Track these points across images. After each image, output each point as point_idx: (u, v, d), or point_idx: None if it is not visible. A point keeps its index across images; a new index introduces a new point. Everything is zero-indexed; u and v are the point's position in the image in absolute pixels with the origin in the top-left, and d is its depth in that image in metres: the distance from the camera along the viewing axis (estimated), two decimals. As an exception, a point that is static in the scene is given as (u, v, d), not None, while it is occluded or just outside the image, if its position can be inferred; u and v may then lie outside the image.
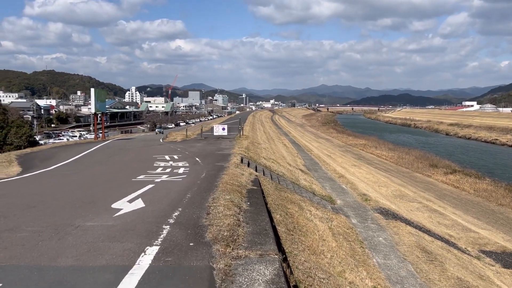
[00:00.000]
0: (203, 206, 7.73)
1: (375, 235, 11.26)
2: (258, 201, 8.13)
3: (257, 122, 78.66)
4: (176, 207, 7.84)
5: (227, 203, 7.54)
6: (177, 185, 10.53)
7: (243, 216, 6.82)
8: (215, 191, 9.04)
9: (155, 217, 7.03)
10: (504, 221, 22.59)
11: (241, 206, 7.60)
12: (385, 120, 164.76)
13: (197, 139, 30.81)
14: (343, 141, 64.55)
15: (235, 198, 8.11)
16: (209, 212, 7.18)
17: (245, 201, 8.10)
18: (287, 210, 9.95)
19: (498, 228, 20.75)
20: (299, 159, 31.09)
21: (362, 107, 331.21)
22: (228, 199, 7.88)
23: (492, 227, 20.95)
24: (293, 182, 15.87)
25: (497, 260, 13.24)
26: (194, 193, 9.24)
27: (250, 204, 7.80)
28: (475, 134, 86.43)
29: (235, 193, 8.69)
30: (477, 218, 22.53)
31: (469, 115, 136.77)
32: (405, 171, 39.00)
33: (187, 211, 7.47)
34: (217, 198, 8.14)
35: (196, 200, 8.39)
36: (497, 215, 23.83)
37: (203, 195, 8.84)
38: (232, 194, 8.42)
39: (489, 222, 22.05)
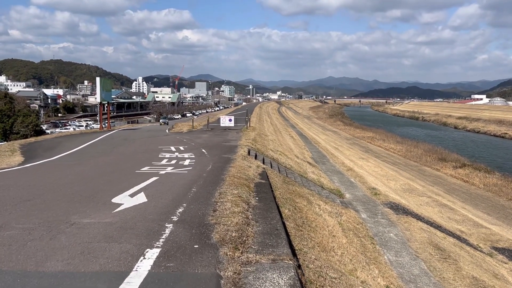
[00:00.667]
0: (209, 202, 7.37)
1: (385, 230, 10.95)
2: (267, 196, 7.79)
3: (264, 114, 78.23)
4: (181, 202, 7.48)
5: (234, 199, 7.20)
6: (182, 178, 10.18)
7: (252, 213, 6.46)
8: (222, 185, 8.73)
9: (157, 214, 6.66)
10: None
11: (250, 201, 7.26)
12: (392, 113, 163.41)
13: (204, 130, 30.51)
14: (351, 134, 64.02)
15: (243, 192, 7.77)
16: (216, 208, 6.83)
17: (254, 196, 7.76)
18: (296, 205, 9.65)
19: (509, 224, 20.37)
20: (306, 151, 30.75)
21: (369, 100, 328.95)
22: (235, 194, 7.56)
23: (503, 222, 20.57)
24: (301, 175, 15.56)
25: (510, 258, 12.89)
26: (199, 187, 8.88)
27: (259, 200, 7.47)
28: (484, 128, 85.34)
29: (243, 187, 8.36)
30: (487, 213, 22.16)
31: (478, 108, 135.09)
32: (413, 164, 38.54)
33: (192, 207, 7.11)
34: (224, 193, 7.81)
35: (201, 195, 8.03)
36: (507, 210, 23.42)
37: (209, 190, 8.49)
38: (240, 189, 8.10)
39: (499, 217, 21.67)
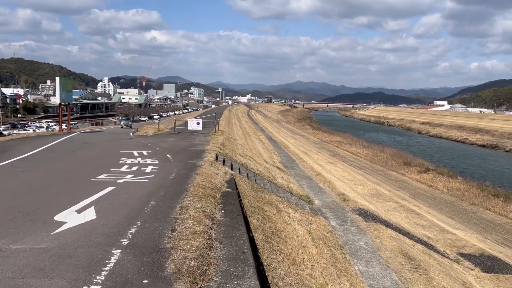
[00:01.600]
0: (167, 219, 6.56)
1: (355, 239, 10.70)
2: (234, 208, 7.19)
3: (233, 117, 77.70)
4: (135, 219, 6.64)
5: (197, 214, 6.46)
6: (141, 188, 9.30)
7: (216, 232, 5.79)
8: (184, 197, 7.98)
9: (105, 236, 5.77)
10: (477, 221, 22.70)
11: (214, 216, 6.61)
12: (359, 118, 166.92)
13: (170, 134, 29.54)
14: (319, 138, 64.56)
15: (208, 205, 7.10)
16: (175, 227, 6.02)
17: (219, 208, 7.13)
18: (265, 213, 9.22)
19: (472, 228, 20.79)
20: (275, 155, 30.46)
21: (337, 104, 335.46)
22: (199, 208, 6.83)
23: (466, 227, 20.98)
24: (270, 181, 15.17)
25: (475, 264, 13.00)
26: (159, 200, 8.06)
27: (225, 213, 6.85)
28: (446, 133, 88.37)
29: (208, 198, 7.71)
30: (451, 218, 22.57)
31: (440, 114, 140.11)
32: (379, 169, 39.07)
33: (147, 226, 6.25)
34: (186, 207, 7.04)
35: (160, 210, 7.21)
36: (470, 215, 23.96)
37: (170, 203, 7.69)
38: (204, 201, 7.42)
39: (463, 222, 22.11)
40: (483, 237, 19.17)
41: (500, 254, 16.18)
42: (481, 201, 26.51)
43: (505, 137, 75.94)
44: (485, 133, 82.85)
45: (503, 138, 75.09)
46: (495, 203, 26.15)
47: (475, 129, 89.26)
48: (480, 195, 28.02)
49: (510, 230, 21.40)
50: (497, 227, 21.82)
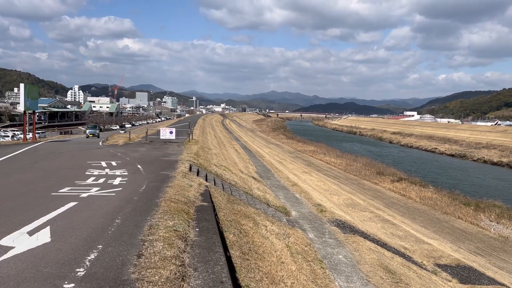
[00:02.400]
0: (134, 241, 5.78)
1: (334, 252, 10.37)
2: (210, 225, 6.57)
3: (208, 126, 76.93)
4: (96, 242, 5.81)
5: (168, 235, 5.74)
6: (107, 204, 8.52)
7: (190, 256, 5.10)
8: (154, 213, 7.29)
9: (57, 265, 4.86)
10: (450, 230, 22.95)
11: (188, 236, 5.94)
12: (332, 127, 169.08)
13: (141, 143, 28.57)
14: (293, 147, 64.67)
15: (180, 223, 6.43)
16: (142, 252, 5.25)
17: (194, 226, 6.50)
18: (241, 227, 8.76)
19: (445, 238, 20.96)
20: (251, 165, 30.03)
21: (310, 114, 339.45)
22: (170, 227, 6.12)
23: (440, 236, 21.13)
24: (246, 192, 14.71)
25: (452, 275, 12.94)
26: (126, 217, 7.28)
27: (199, 232, 6.22)
28: (416, 143, 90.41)
29: (181, 214, 7.04)
30: (425, 227, 22.71)
31: (410, 124, 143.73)
32: (353, 178, 39.29)
33: (109, 250, 5.43)
34: (156, 226, 6.30)
35: (126, 230, 6.41)
36: (443, 224, 24.21)
37: (138, 221, 6.93)
38: (177, 218, 6.74)
39: (436, 231, 22.28)
40: (456, 246, 19.32)
41: (474, 263, 16.28)
42: (453, 210, 26.90)
43: (472, 146, 78.42)
44: (453, 143, 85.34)
45: (471, 147, 77.49)
46: (466, 212, 26.60)
47: (444, 139, 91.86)
48: (452, 204, 28.47)
49: (482, 239, 21.73)
50: (469, 236, 22.12)
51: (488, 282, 12.67)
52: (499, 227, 24.18)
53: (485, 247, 20.22)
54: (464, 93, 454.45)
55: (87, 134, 42.51)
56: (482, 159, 65.71)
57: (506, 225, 24.46)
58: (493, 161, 63.41)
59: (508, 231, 23.30)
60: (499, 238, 22.05)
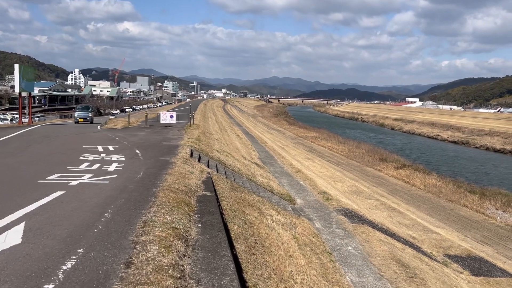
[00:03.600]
0: (123, 244, 4.81)
1: (343, 243, 9.85)
2: (214, 219, 5.81)
3: (209, 111, 76.19)
4: (77, 245, 4.80)
5: (165, 234, 4.83)
6: (98, 193, 7.65)
7: (191, 262, 4.21)
8: (150, 206, 6.45)
9: (21, 278, 3.78)
10: (456, 218, 22.52)
11: (189, 235, 5.07)
12: (333, 114, 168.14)
13: (141, 127, 27.80)
14: (295, 133, 64.08)
15: (180, 218, 5.62)
16: (132, 259, 4.27)
17: (195, 220, 5.73)
18: (246, 217, 8.20)
19: (451, 226, 20.54)
20: (253, 151, 29.42)
21: (311, 100, 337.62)
22: (168, 224, 5.27)
23: (445, 224, 20.72)
24: (250, 179, 14.14)
25: (464, 266, 12.46)
26: (117, 210, 6.36)
27: (202, 228, 5.47)
28: (418, 130, 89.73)
29: (181, 207, 6.26)
30: (430, 215, 22.29)
31: (412, 111, 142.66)
32: (356, 164, 38.79)
33: (91, 256, 4.43)
34: (152, 223, 5.43)
35: (116, 227, 5.46)
36: (448, 212, 23.78)
37: (131, 215, 6.02)
38: (176, 211, 5.95)
39: (442, 219, 21.86)
40: (463, 235, 18.91)
41: (483, 253, 15.84)
42: (458, 198, 26.44)
43: (475, 133, 77.75)
44: (455, 130, 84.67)
45: (473, 134, 76.84)
46: (471, 200, 26.14)
47: (446, 126, 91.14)
48: (457, 191, 28.00)
49: (488, 227, 21.30)
50: (476, 224, 21.69)
51: (501, 274, 12.21)
52: (506, 215, 23.73)
53: (492, 236, 19.79)
54: (466, 80, 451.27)
55: (75, 118, 31.92)
56: (484, 146, 65.15)
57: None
58: (496, 148, 62.85)
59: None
60: (506, 227, 21.62)
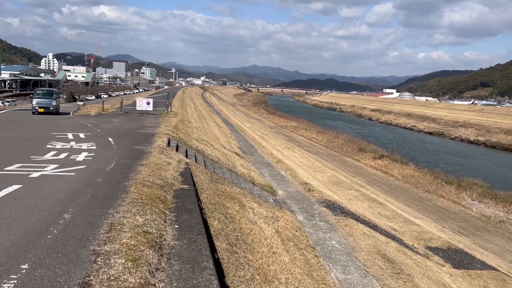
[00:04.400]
0: (81, 255, 3.96)
1: (326, 237, 9.50)
2: (193, 219, 5.04)
3: (187, 99, 74.84)
4: (23, 257, 3.90)
5: (135, 242, 3.98)
6: (61, 187, 6.74)
7: (165, 279, 3.39)
8: (120, 203, 5.63)
9: None
10: (433, 209, 22.69)
11: (164, 240, 4.28)
12: (312, 103, 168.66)
13: (116, 114, 26.72)
14: (274, 122, 63.75)
15: (154, 219, 4.81)
16: (89, 279, 3.40)
17: (172, 221, 4.98)
18: (227, 211, 7.70)
19: (429, 216, 20.65)
20: (233, 140, 28.81)
21: (291, 90, 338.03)
22: (139, 227, 4.45)
23: (423, 214, 20.82)
24: (230, 169, 13.60)
25: (445, 259, 12.39)
26: (80, 210, 5.48)
27: (179, 231, 4.68)
28: (395, 120, 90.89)
29: (155, 204, 5.46)
30: (408, 206, 22.38)
31: (389, 102, 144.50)
32: (335, 154, 38.79)
33: (37, 275, 3.53)
34: (119, 226, 4.60)
35: (75, 233, 4.59)
36: (425, 202, 23.95)
37: (95, 216, 5.18)
38: (150, 210, 5.13)
39: (420, 209, 21.98)
40: (441, 226, 19.01)
41: (461, 244, 15.91)
42: (435, 189, 26.68)
43: (450, 125, 79.28)
44: (431, 121, 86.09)
45: (448, 126, 78.35)
46: (448, 191, 26.42)
47: (422, 117, 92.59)
48: (434, 182, 28.27)
49: (465, 218, 21.53)
50: (452, 215, 21.90)
51: (481, 267, 12.19)
52: (481, 206, 24.06)
53: (468, 227, 19.99)
54: (442, 72, 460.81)
55: (33, 107, 25.11)
56: (459, 137, 66.57)
57: (488, 204, 24.38)
58: (470, 139, 64.30)
59: (490, 211, 23.20)
60: (482, 217, 21.91)
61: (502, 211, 22.12)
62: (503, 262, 14.93)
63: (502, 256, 15.85)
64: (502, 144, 58.06)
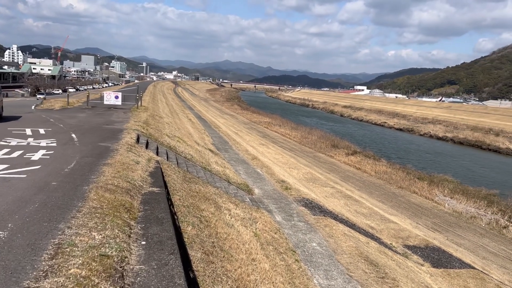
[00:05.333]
0: None
1: (307, 239, 9.02)
2: (164, 233, 4.12)
3: (159, 93, 73.06)
4: None
5: (87, 272, 2.87)
6: (5, 193, 5.66)
7: None
8: (74, 214, 4.63)
9: None
10: (407, 205, 22.79)
11: (125, 266, 3.26)
12: (285, 100, 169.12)
13: (82, 108, 25.38)
14: (248, 118, 63.22)
15: (115, 236, 3.81)
16: None
17: (138, 236, 4.02)
18: (201, 214, 7.08)
19: (403, 213, 20.68)
20: (206, 136, 27.97)
21: (264, 86, 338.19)
22: (95, 248, 3.43)
23: (397, 211, 20.83)
24: (204, 167, 12.91)
25: (424, 258, 12.22)
26: (22, 225, 4.34)
27: (147, 251, 3.68)
28: (366, 117, 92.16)
29: (119, 214, 4.52)
30: (382, 202, 22.39)
31: (360, 98, 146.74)
32: (308, 150, 38.70)
33: None
34: (68, 248, 3.47)
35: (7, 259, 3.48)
36: (399, 198, 24.06)
37: (40, 234, 4.04)
38: (111, 223, 4.13)
39: (393, 206, 22.02)
40: (415, 222, 19.04)
41: (436, 241, 15.90)
42: (408, 185, 26.89)
43: (419, 121, 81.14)
44: (401, 118, 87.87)
45: (418, 122, 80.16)
46: (420, 187, 26.69)
47: (392, 114, 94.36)
48: (406, 178, 28.52)
49: (437, 214, 21.73)
50: (426, 211, 22.06)
51: (460, 265, 12.09)
52: (453, 202, 24.37)
53: (441, 223, 20.15)
54: (411, 70, 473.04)
55: None
56: (428, 134, 68.14)
57: (460, 200, 24.73)
58: (439, 136, 65.93)
59: (461, 206, 23.52)
60: (454, 213, 22.18)
61: (473, 207, 22.45)
62: (477, 258, 15.01)
63: (476, 252, 15.97)
64: (469, 141, 59.77)
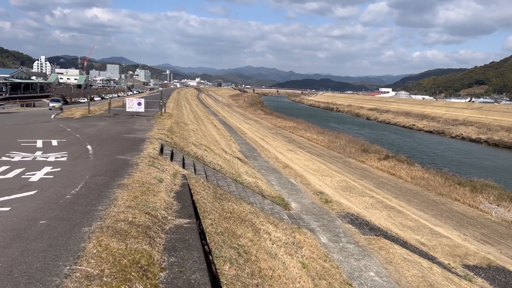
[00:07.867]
0: None
1: (361, 266, 7.60)
2: None
3: (183, 100, 72.77)
4: None
5: None
6: None
7: None
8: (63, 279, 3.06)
9: None
10: (450, 214, 20.96)
11: None
12: (309, 104, 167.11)
13: (103, 116, 24.48)
14: (272, 123, 61.95)
15: None
16: None
17: None
18: (239, 242, 5.78)
19: (447, 223, 18.91)
20: (233, 143, 26.71)
21: (286, 90, 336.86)
22: None
23: (440, 221, 19.08)
24: (235, 179, 11.60)
25: (489, 280, 10.56)
26: None
27: None
28: (394, 119, 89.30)
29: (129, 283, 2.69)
30: (423, 211, 20.68)
31: (386, 100, 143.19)
32: (337, 156, 37.07)
33: None
34: None
35: None
36: (440, 206, 22.23)
37: None
38: None
39: (435, 215, 20.26)
40: (462, 233, 17.28)
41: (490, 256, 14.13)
42: (448, 191, 24.99)
43: (449, 123, 77.79)
44: (430, 120, 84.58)
45: (448, 124, 76.86)
46: (462, 193, 24.74)
47: (421, 116, 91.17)
48: (445, 184, 26.58)
49: (485, 223, 19.80)
50: (471, 220, 20.18)
51: (535, 291, 10.36)
52: (500, 210, 22.32)
53: (491, 234, 18.25)
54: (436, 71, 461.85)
55: None
56: (460, 136, 65.04)
57: (508, 207, 22.62)
58: (472, 137, 62.78)
59: (510, 215, 21.48)
60: (503, 222, 20.20)
61: (525, 216, 20.43)
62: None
63: (540, 269, 14.10)
64: (505, 142, 56.58)
